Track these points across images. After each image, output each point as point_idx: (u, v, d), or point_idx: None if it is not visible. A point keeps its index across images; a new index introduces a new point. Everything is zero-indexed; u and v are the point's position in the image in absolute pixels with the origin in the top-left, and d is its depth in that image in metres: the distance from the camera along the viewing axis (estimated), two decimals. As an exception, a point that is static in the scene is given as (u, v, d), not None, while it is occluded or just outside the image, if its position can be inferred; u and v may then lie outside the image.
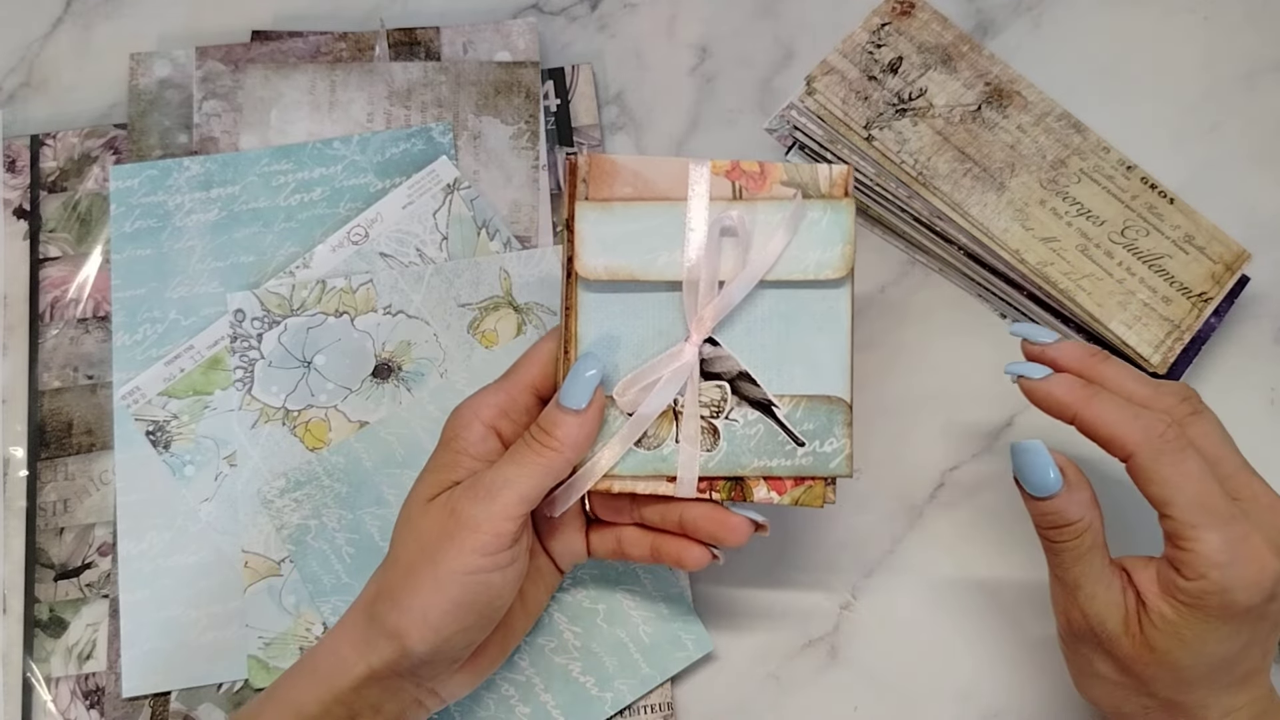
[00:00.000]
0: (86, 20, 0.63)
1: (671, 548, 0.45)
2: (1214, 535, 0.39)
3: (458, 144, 0.59)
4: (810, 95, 0.55)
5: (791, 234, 0.42)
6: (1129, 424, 0.40)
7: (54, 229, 0.58)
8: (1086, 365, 0.43)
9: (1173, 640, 0.40)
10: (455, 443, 0.43)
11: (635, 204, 0.42)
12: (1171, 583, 0.40)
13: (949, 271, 0.58)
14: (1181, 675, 0.40)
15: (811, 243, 0.43)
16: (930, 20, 0.57)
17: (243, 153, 0.59)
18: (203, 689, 0.51)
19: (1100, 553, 0.42)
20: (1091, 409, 0.41)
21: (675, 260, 0.42)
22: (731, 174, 0.42)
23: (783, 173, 0.43)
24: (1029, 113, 0.56)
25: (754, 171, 0.42)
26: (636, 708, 0.51)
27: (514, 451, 0.42)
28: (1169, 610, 0.40)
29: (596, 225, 0.42)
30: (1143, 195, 0.55)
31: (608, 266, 0.42)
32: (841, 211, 0.43)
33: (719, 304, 0.42)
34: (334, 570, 0.52)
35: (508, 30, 0.62)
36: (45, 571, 0.53)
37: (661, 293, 0.43)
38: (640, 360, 0.43)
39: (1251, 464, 0.43)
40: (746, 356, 0.43)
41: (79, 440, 0.55)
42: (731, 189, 0.43)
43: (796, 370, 0.43)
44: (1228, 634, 0.40)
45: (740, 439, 0.43)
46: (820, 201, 0.43)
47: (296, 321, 0.56)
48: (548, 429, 0.42)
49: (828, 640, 0.53)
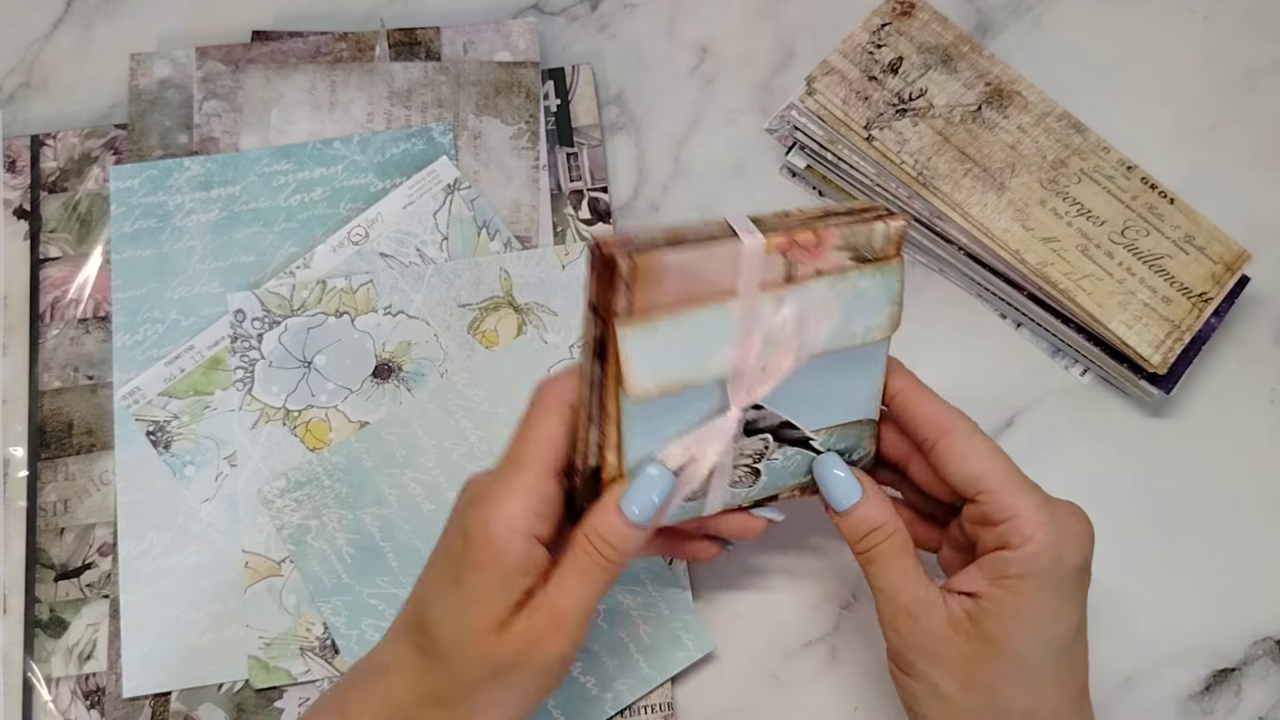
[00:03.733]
0: (87, 20, 0.63)
1: (681, 547, 0.46)
2: (1030, 499, 0.40)
3: (458, 144, 0.59)
4: (810, 95, 0.55)
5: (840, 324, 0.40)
6: (944, 406, 0.43)
7: (54, 229, 0.58)
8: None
9: (1012, 622, 0.40)
10: (499, 565, 0.39)
11: (681, 314, 0.37)
12: (1000, 562, 0.40)
13: (949, 271, 0.58)
14: (1027, 667, 0.40)
15: (859, 312, 0.40)
16: (930, 20, 0.57)
17: (243, 153, 0.59)
18: (203, 689, 0.51)
19: (913, 556, 0.42)
20: (916, 389, 0.43)
21: (725, 358, 0.39)
22: (786, 249, 0.38)
23: (838, 238, 0.39)
24: (1029, 113, 0.56)
25: (809, 243, 0.39)
26: (637, 708, 0.51)
27: (580, 569, 0.40)
28: (1004, 593, 0.40)
29: (641, 348, 0.37)
30: (1143, 195, 0.55)
31: (659, 385, 0.38)
32: (891, 275, 0.40)
33: (761, 392, 0.41)
34: (334, 570, 0.52)
35: (508, 30, 0.62)
36: (46, 571, 0.53)
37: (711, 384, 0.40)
38: (684, 421, 0.41)
39: (1250, 465, 0.43)
40: (786, 406, 0.42)
41: (79, 440, 0.55)
42: (784, 268, 0.39)
43: (834, 407, 0.43)
44: (1060, 605, 0.40)
45: (779, 470, 0.43)
46: (870, 269, 0.40)
47: (297, 322, 0.56)
48: (613, 542, 0.40)
49: (828, 640, 0.53)
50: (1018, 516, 0.40)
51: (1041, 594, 0.40)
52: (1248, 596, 0.54)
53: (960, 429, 0.42)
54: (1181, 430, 0.56)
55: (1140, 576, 0.54)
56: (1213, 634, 0.53)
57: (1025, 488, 0.41)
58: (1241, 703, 0.53)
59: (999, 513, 0.40)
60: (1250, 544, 0.55)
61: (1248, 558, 0.54)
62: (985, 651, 0.40)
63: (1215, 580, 0.54)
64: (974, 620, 0.40)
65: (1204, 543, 0.55)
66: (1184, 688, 0.53)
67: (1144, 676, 0.53)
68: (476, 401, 0.55)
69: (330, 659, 0.51)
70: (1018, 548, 0.40)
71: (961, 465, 0.42)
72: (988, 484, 0.41)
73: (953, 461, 0.42)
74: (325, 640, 0.52)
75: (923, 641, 0.41)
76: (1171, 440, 0.56)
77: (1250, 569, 0.54)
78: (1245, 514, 0.55)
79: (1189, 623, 0.54)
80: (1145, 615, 0.53)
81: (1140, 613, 0.53)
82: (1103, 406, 0.57)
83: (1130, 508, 0.55)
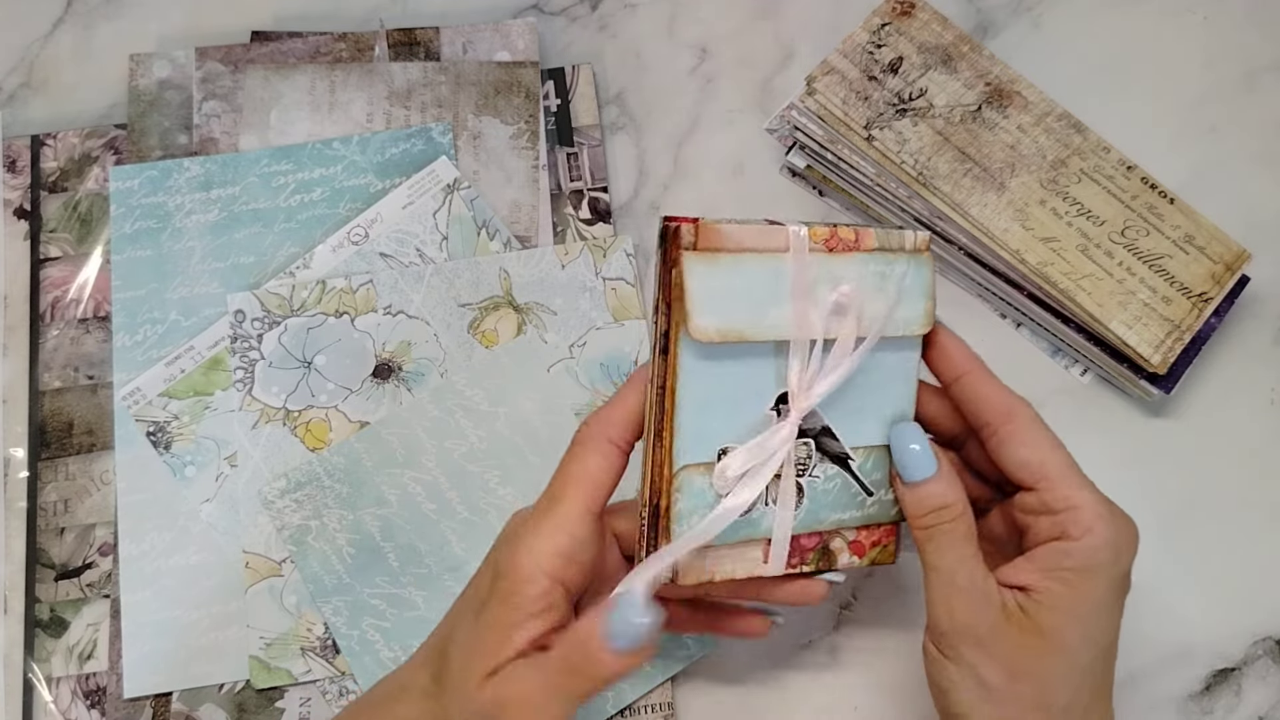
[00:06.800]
0: (86, 20, 0.63)
1: (728, 623, 0.46)
2: (1090, 493, 0.40)
3: (457, 144, 0.59)
4: (810, 95, 0.55)
5: (894, 304, 0.41)
6: (1010, 393, 0.42)
7: (54, 229, 0.58)
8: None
9: (1066, 617, 0.39)
10: (515, 602, 0.39)
11: (740, 255, 0.39)
12: (1058, 553, 0.40)
13: (949, 271, 0.58)
14: (1076, 663, 0.40)
15: (901, 298, 0.42)
16: (930, 20, 0.57)
17: (243, 153, 0.59)
18: (204, 689, 0.51)
19: (975, 542, 0.41)
20: (982, 372, 0.43)
21: (782, 317, 0.40)
22: (830, 243, 0.41)
23: (875, 240, 0.42)
24: (1029, 113, 0.56)
25: (850, 239, 0.41)
26: (637, 707, 0.51)
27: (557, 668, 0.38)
28: (1060, 586, 0.39)
29: (705, 279, 0.38)
30: (1143, 195, 0.55)
31: (719, 328, 0.39)
32: (923, 266, 0.42)
33: (829, 383, 0.41)
34: (335, 570, 0.52)
35: (507, 30, 0.62)
36: (46, 571, 0.53)
37: (760, 354, 0.40)
38: (735, 423, 0.40)
39: (1250, 465, 0.43)
40: (826, 411, 0.42)
41: (80, 440, 0.55)
42: (828, 249, 0.41)
43: (868, 423, 0.43)
44: (1112, 603, 0.40)
45: (820, 495, 0.43)
46: (904, 256, 0.42)
47: (297, 322, 0.56)
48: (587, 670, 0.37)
49: (828, 640, 0.53)
50: (1079, 508, 0.40)
51: (1098, 591, 0.40)
52: (1248, 596, 0.54)
53: (1024, 416, 0.42)
54: (1181, 430, 0.56)
55: (1140, 576, 0.54)
56: (1213, 634, 0.53)
57: (1086, 483, 0.41)
58: (1241, 703, 0.53)
59: (1058, 502, 0.40)
60: (1250, 544, 0.55)
61: (1248, 558, 0.54)
62: (1038, 645, 0.40)
63: (1215, 580, 0.54)
64: (1027, 613, 0.40)
65: (1204, 542, 0.55)
66: (1184, 688, 0.53)
67: (1144, 676, 0.53)
68: (476, 401, 0.55)
69: (331, 659, 0.51)
70: (1078, 538, 0.39)
71: (1023, 452, 0.41)
72: (1049, 472, 0.41)
73: (1014, 449, 0.41)
74: (326, 640, 0.52)
75: (974, 627, 0.40)
76: (1171, 440, 0.56)
77: (1250, 569, 0.54)
78: (1245, 514, 0.55)
79: (1189, 622, 0.54)
80: (1145, 615, 0.53)
81: (1140, 612, 0.53)
82: (1103, 406, 0.57)
83: (1130, 507, 0.55)
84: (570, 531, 0.39)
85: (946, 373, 0.44)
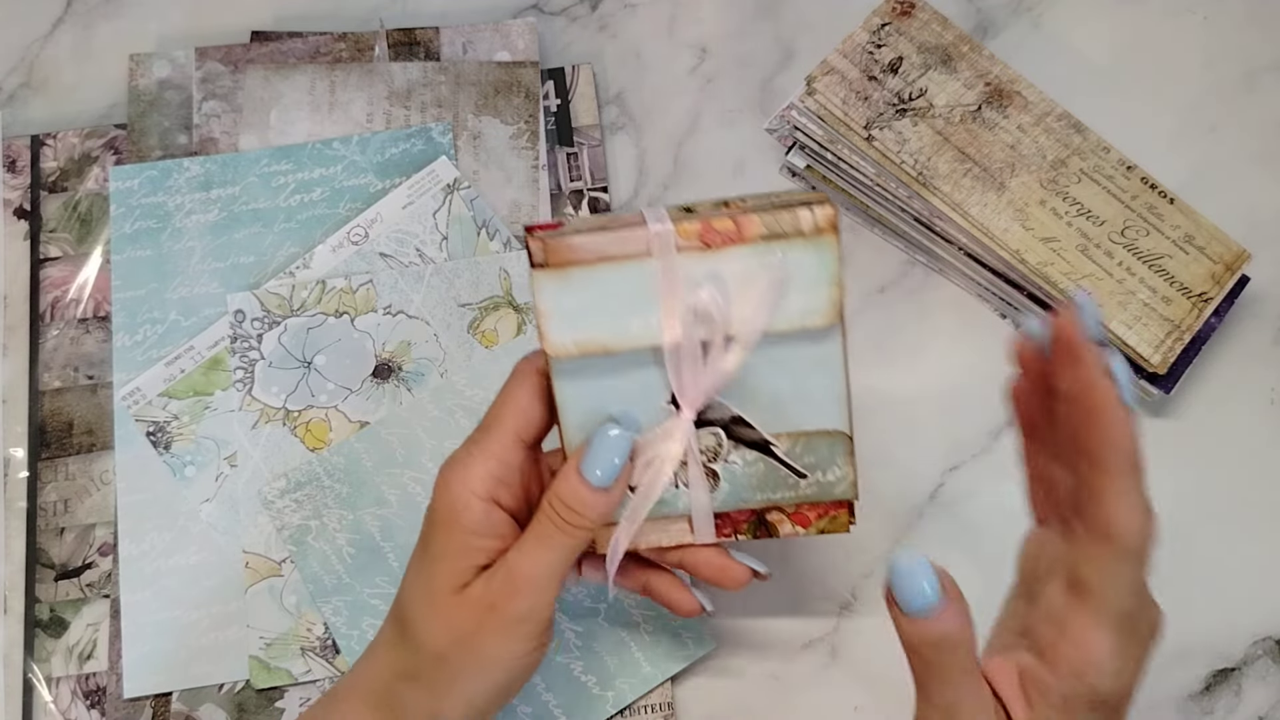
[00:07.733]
0: (86, 20, 0.63)
1: (663, 588, 0.45)
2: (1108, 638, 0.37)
3: (457, 144, 0.59)
4: (810, 95, 0.55)
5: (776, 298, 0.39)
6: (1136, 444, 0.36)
7: (54, 229, 0.58)
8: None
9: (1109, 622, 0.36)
10: (457, 525, 0.40)
11: (595, 266, 0.38)
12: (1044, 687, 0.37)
13: (949, 271, 0.58)
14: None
15: (793, 288, 0.38)
16: (930, 20, 0.57)
17: (242, 153, 0.59)
18: (204, 689, 0.51)
19: (977, 669, 0.38)
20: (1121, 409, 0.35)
21: (649, 324, 0.39)
22: (705, 236, 0.38)
23: (760, 226, 0.38)
24: (1029, 113, 0.56)
25: (729, 231, 0.38)
26: (637, 707, 0.51)
27: (541, 533, 0.40)
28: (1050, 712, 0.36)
29: (557, 297, 0.38)
30: (1143, 195, 0.55)
31: (577, 341, 0.39)
32: (825, 250, 0.38)
33: (708, 384, 0.39)
34: (335, 570, 0.52)
35: (507, 30, 0.62)
36: (46, 571, 0.53)
37: (643, 359, 0.40)
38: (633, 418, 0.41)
39: (1250, 465, 0.42)
40: (739, 403, 0.41)
41: (79, 440, 0.55)
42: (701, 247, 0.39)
43: (792, 410, 0.41)
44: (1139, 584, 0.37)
45: (741, 478, 0.42)
46: (800, 241, 0.38)
47: (296, 322, 0.56)
48: (575, 507, 0.39)
49: (828, 640, 0.53)
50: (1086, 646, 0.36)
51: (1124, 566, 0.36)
52: (1248, 596, 0.54)
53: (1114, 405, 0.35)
54: (1181, 430, 0.56)
55: (1140, 576, 0.54)
56: (1213, 634, 0.53)
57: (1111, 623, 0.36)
58: (1241, 703, 0.53)
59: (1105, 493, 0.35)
60: (1250, 544, 0.55)
61: (1248, 558, 0.54)
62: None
63: (1215, 580, 0.54)
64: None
65: (1204, 542, 0.54)
66: (1184, 688, 0.53)
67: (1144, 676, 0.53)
68: (476, 401, 0.55)
69: (331, 659, 0.51)
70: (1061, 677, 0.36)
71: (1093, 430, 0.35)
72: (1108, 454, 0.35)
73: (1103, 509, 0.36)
74: (326, 640, 0.52)
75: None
76: (1171, 440, 0.56)
77: (1250, 569, 0.54)
78: (1245, 514, 0.55)
79: (1189, 623, 0.53)
80: (1145, 615, 0.53)
81: (1140, 612, 0.53)
82: (1103, 406, 0.57)
83: (1130, 507, 0.55)
84: (499, 456, 0.40)
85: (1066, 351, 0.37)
